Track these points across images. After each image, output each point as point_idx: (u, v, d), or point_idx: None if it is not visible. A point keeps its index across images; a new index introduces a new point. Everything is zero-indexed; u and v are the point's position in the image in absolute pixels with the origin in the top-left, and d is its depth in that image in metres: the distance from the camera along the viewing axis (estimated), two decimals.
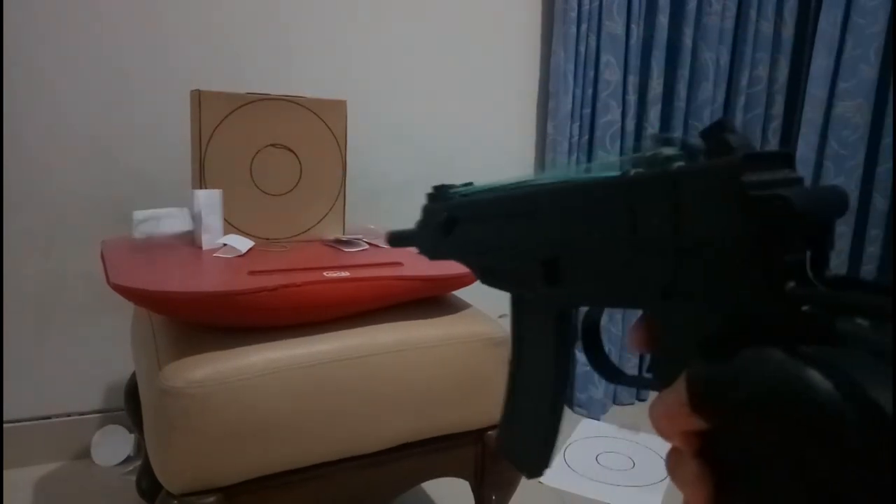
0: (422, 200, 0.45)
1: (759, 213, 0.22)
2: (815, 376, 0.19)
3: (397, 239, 0.50)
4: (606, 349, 0.37)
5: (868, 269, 1.72)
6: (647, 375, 0.29)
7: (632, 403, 1.81)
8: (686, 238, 0.25)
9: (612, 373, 0.36)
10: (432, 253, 0.45)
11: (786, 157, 0.24)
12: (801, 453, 0.20)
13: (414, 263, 1.00)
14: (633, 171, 0.28)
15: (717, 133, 0.24)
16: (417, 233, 0.45)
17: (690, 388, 0.22)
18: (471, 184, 0.42)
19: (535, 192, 0.34)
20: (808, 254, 0.23)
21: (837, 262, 1.70)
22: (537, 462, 0.38)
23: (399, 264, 0.99)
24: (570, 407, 1.76)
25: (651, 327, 0.29)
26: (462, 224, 0.40)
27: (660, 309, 0.27)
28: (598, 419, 1.71)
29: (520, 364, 0.40)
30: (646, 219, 0.27)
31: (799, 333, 0.21)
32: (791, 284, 0.22)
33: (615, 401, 1.79)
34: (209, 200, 1.06)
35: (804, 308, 0.21)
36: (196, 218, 1.06)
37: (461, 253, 0.41)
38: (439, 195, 0.43)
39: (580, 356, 1.82)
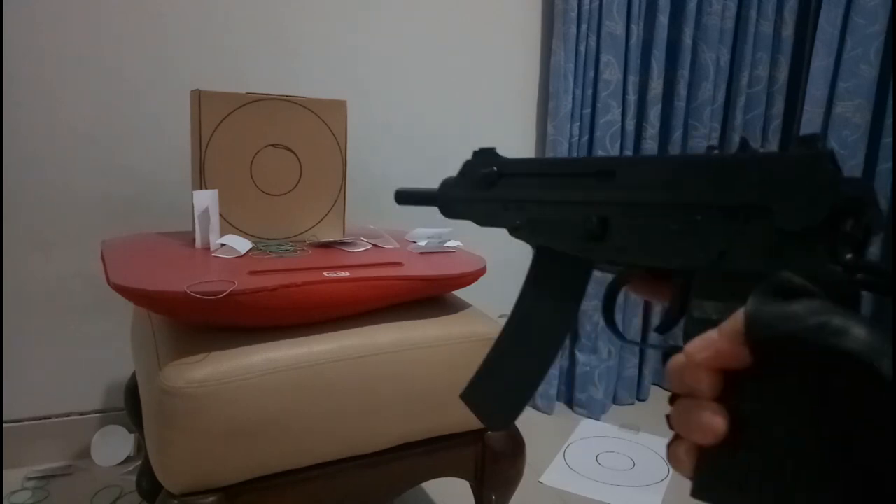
0: None
1: (844, 193, 0.27)
2: (858, 327, 0.22)
3: (407, 196, 0.52)
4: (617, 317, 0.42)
5: None
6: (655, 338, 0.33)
7: (632, 403, 1.81)
8: (765, 208, 0.30)
9: (618, 333, 0.41)
10: (461, 204, 0.47)
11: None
12: (828, 387, 0.23)
13: (414, 263, 1.00)
14: (716, 152, 0.33)
15: (809, 141, 0.29)
16: (448, 185, 0.48)
17: (750, 319, 0.25)
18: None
19: (612, 159, 0.39)
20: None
21: None
22: (507, 414, 0.43)
23: (399, 264, 0.99)
24: (571, 407, 1.76)
25: (676, 288, 0.34)
26: (509, 178, 0.44)
27: (713, 268, 0.32)
28: (598, 419, 1.70)
29: (521, 317, 0.43)
30: (729, 189, 0.31)
31: (848, 295, 0.26)
32: (849, 255, 0.27)
33: (615, 401, 1.79)
34: (209, 200, 1.06)
35: (857, 276, 0.26)
36: (196, 218, 1.06)
37: (501, 203, 0.44)
38: (486, 154, 0.47)
39: (581, 356, 1.82)
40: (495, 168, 0.45)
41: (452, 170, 0.48)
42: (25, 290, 1.32)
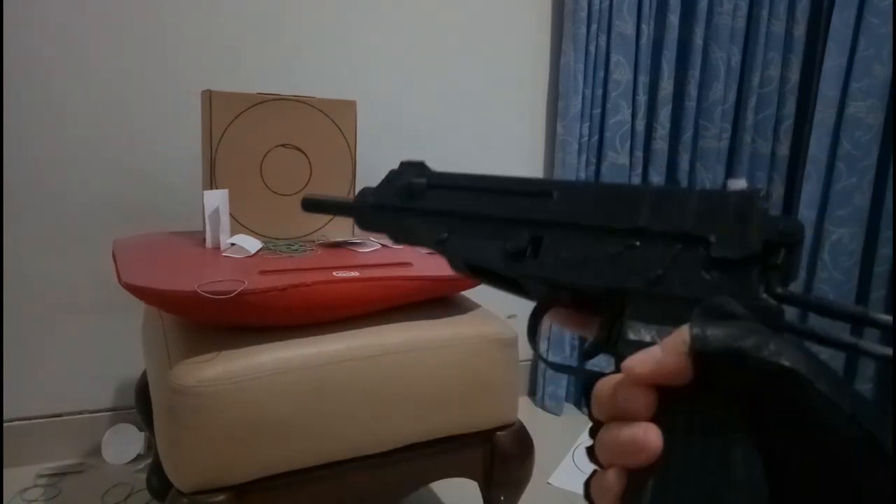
0: None
1: (777, 227, 0.30)
2: (794, 350, 0.24)
3: (316, 204, 0.49)
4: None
5: (881, 271, 1.71)
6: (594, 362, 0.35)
7: None
8: (702, 238, 0.31)
9: (542, 358, 0.40)
10: (378, 212, 0.44)
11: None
12: (762, 406, 0.24)
13: (423, 264, 1.00)
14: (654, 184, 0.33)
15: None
16: (367, 192, 0.45)
17: (695, 332, 0.26)
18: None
19: (550, 181, 0.38)
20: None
21: (850, 264, 1.68)
22: None
23: (409, 264, 0.99)
24: (579, 408, 1.76)
25: (606, 311, 0.34)
26: (438, 191, 0.42)
27: (648, 290, 0.32)
28: None
29: None
30: (668, 219, 0.33)
31: (777, 322, 0.28)
32: (780, 289, 0.29)
33: None
34: (219, 200, 1.07)
35: (784, 306, 0.29)
36: (206, 218, 1.06)
37: (424, 214, 0.42)
38: (414, 166, 0.44)
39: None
40: (425, 180, 0.42)
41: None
42: (38, 290, 1.33)
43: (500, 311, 1.06)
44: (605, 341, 0.35)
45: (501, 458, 0.99)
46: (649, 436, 0.25)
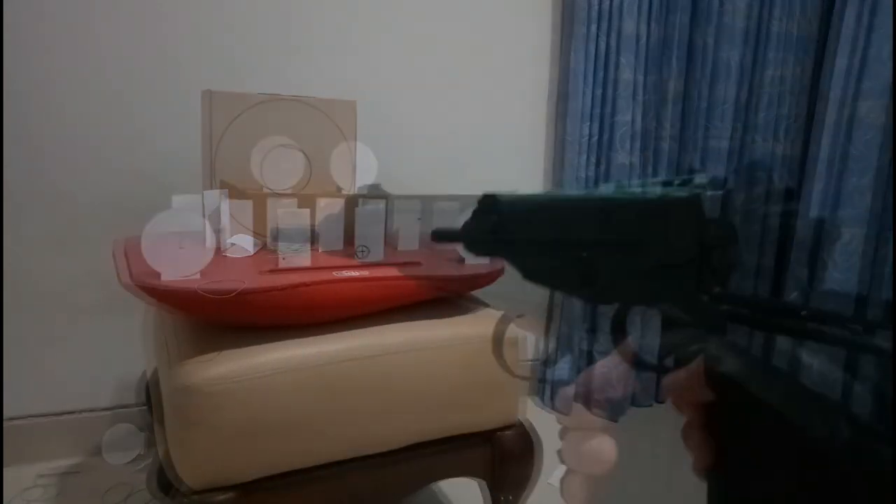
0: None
1: (711, 233, 0.31)
2: (731, 356, 0.26)
3: (443, 235, 0.52)
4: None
5: (885, 271, 1.70)
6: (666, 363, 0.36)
7: (650, 405, 1.79)
8: (640, 245, 0.33)
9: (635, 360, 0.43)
10: (477, 247, 0.45)
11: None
12: (712, 409, 0.26)
13: (428, 264, 1.00)
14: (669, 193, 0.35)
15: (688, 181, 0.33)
16: (464, 229, 0.47)
17: (707, 366, 0.28)
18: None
19: (588, 200, 0.39)
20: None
21: (851, 263, 1.67)
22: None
23: (417, 264, 0.98)
24: (589, 409, 1.75)
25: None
26: (511, 224, 0.43)
27: (590, 298, 0.35)
28: (616, 421, 1.69)
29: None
30: (609, 229, 0.34)
31: (716, 324, 0.30)
32: (717, 289, 0.31)
33: (633, 403, 1.78)
34: (219, 200, 1.06)
35: (723, 307, 0.30)
36: (206, 218, 1.06)
37: (508, 251, 0.43)
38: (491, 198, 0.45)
39: (599, 358, 1.83)
40: (496, 215, 0.43)
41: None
42: (38, 290, 1.33)
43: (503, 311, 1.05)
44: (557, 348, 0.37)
45: (504, 458, 0.99)
46: (604, 447, 0.29)
